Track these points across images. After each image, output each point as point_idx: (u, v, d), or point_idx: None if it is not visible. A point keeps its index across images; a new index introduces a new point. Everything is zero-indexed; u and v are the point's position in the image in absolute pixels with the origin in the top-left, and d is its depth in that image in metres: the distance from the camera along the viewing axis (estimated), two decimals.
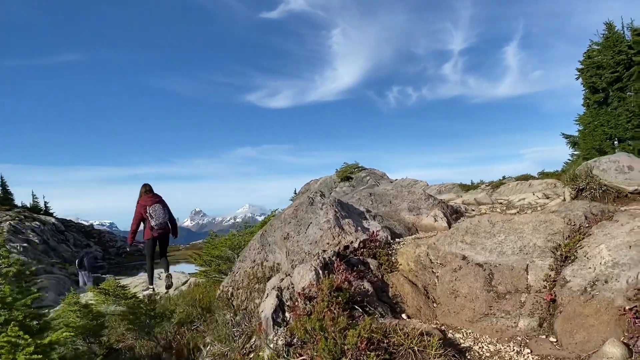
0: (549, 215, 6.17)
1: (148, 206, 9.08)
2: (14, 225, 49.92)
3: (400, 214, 8.47)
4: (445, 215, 8.52)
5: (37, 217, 57.57)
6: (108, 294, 6.99)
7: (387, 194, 9.18)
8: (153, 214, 8.97)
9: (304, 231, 7.20)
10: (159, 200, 9.31)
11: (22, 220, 53.49)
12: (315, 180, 32.16)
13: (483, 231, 6.36)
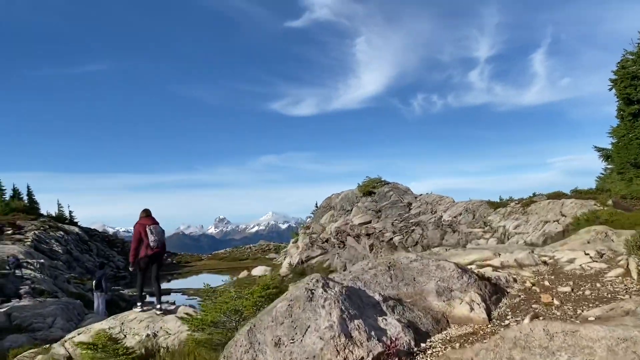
0: (630, 331, 4.11)
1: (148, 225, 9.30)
2: (39, 235, 50.27)
3: (427, 299, 6.52)
4: (484, 298, 6.38)
5: (62, 226, 57.98)
6: (97, 349, 6.25)
7: (410, 268, 6.71)
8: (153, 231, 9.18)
9: (300, 338, 5.26)
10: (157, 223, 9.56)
11: (47, 230, 53.89)
12: (336, 194, 31.47)
13: (538, 346, 4.35)
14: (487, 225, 22.34)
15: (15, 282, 17.18)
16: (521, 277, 6.91)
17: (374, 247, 26.38)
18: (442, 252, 7.83)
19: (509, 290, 6.71)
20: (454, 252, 7.75)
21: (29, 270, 19.54)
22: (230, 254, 74.71)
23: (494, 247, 8.57)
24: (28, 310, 12.18)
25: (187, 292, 33.52)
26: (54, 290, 18.04)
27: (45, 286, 17.75)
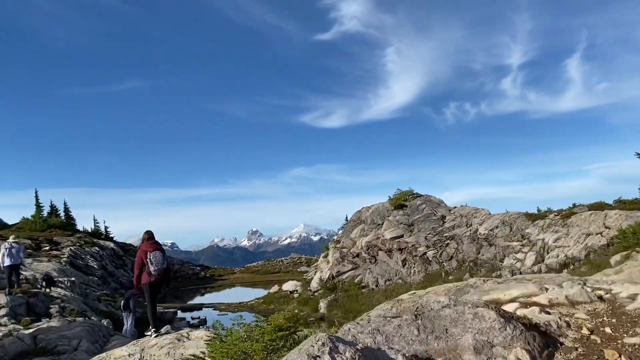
0: None
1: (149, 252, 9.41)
2: (74, 250, 51.18)
3: (463, 357, 5.05)
4: (533, 356, 4.86)
5: (97, 242, 58.98)
6: None
7: (441, 317, 5.42)
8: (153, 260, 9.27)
9: None
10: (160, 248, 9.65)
11: (82, 245, 54.88)
12: (366, 208, 30.87)
13: None
14: (525, 239, 21.38)
15: (45, 301, 17.20)
16: (575, 320, 5.50)
17: (406, 262, 25.67)
18: (479, 284, 6.61)
19: (563, 341, 5.27)
20: (493, 285, 6.17)
21: (59, 288, 19.60)
22: (262, 267, 74.84)
23: (539, 278, 6.56)
24: (54, 332, 12.06)
25: (219, 307, 33.39)
26: (84, 309, 18.02)
27: (75, 305, 17.71)
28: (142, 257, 9.47)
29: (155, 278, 9.38)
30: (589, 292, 5.69)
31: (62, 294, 18.42)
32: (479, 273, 22.38)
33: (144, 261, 9.42)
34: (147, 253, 9.43)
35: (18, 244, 17.56)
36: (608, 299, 5.71)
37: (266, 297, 32.47)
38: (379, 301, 25.58)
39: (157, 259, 9.34)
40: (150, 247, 9.51)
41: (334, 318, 25.42)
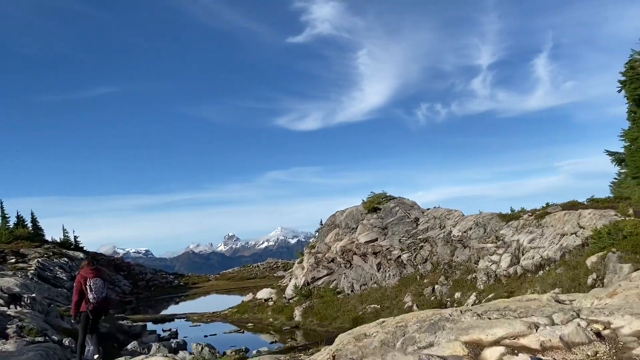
0: None
1: (89, 278, 9.10)
2: (42, 262, 49.55)
3: None
4: None
5: (66, 252, 57.28)
6: None
7: None
8: (93, 287, 8.97)
9: None
10: (100, 275, 9.38)
11: (51, 256, 53.22)
12: (340, 211, 30.46)
13: None
14: (500, 240, 21.23)
15: (2, 320, 16.23)
16: None
17: (381, 265, 25.33)
18: (456, 317, 5.31)
19: None
20: (472, 321, 5.12)
21: (18, 306, 18.60)
22: (238, 273, 73.87)
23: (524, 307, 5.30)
24: (4, 359, 11.24)
25: (192, 318, 32.53)
26: (44, 328, 17.06)
27: (35, 324, 16.74)
28: (81, 284, 9.11)
29: (94, 306, 9.04)
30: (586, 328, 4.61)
31: (21, 312, 17.44)
32: (454, 275, 22.18)
33: (83, 288, 9.07)
34: (86, 280, 9.07)
35: None
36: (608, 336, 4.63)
37: (240, 306, 31.77)
38: (354, 306, 25.26)
39: (97, 287, 9.04)
40: (90, 273, 9.18)
41: (309, 326, 24.97)
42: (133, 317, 36.40)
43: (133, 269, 69.41)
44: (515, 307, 5.36)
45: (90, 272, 9.26)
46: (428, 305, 21.27)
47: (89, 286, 9.05)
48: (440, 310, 5.73)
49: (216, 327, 28.21)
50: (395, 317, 6.10)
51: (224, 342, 23.38)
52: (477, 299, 19.11)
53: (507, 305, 5.27)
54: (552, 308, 5.29)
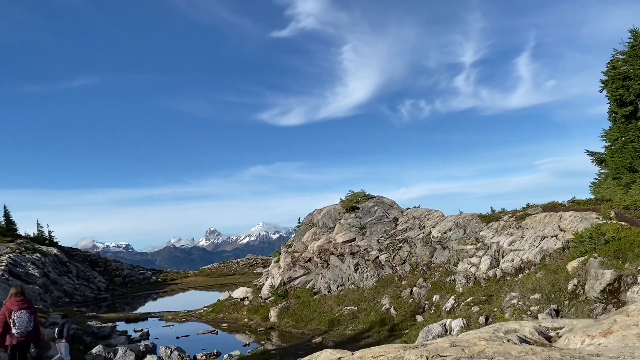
0: None
1: (14, 311, 8.70)
2: (14, 258, 48.16)
3: None
4: None
5: (39, 248, 55.81)
6: None
7: None
8: (17, 321, 8.60)
9: None
10: (28, 307, 8.91)
11: (23, 252, 51.76)
12: (318, 210, 29.76)
13: None
14: (480, 242, 20.74)
15: None
16: None
17: (359, 266, 24.73)
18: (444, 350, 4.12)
19: None
20: None
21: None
22: (217, 270, 72.91)
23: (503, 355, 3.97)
24: None
25: (165, 317, 31.64)
26: None
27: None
28: (5, 316, 8.69)
29: (18, 340, 8.61)
30: None
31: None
32: (432, 277, 21.69)
33: (7, 321, 8.66)
34: (11, 312, 8.69)
35: None
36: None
37: (215, 306, 30.96)
38: (330, 307, 24.65)
39: (22, 320, 8.65)
40: (15, 305, 8.78)
41: (284, 327, 24.30)
42: (105, 315, 35.38)
43: (109, 265, 68.01)
44: (492, 352, 4.21)
45: (16, 304, 8.83)
46: (405, 307, 20.76)
47: (13, 319, 8.65)
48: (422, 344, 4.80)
49: (190, 327, 27.42)
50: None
51: (196, 344, 22.63)
52: (455, 303, 18.63)
53: (482, 350, 4.25)
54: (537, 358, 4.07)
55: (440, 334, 15.96)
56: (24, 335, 8.77)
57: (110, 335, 23.42)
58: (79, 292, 50.96)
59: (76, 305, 43.37)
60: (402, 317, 20.13)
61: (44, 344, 17.04)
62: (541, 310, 14.13)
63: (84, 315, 34.31)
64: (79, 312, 37.11)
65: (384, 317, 20.67)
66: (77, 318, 31.91)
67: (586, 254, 14.31)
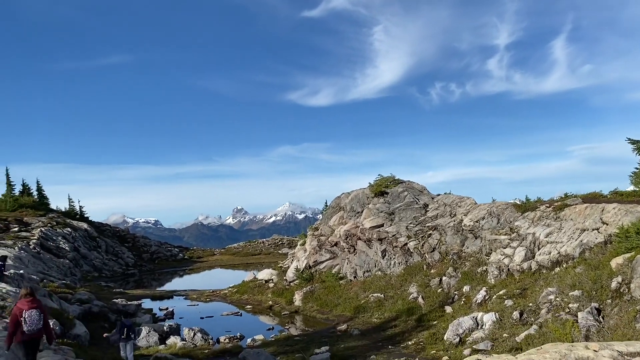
0: None
1: (25, 310, 9.29)
2: (45, 232, 49.09)
3: None
4: None
5: (70, 222, 56.79)
6: None
7: None
8: (27, 320, 9.19)
9: None
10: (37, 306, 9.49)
11: (54, 226, 52.73)
12: (346, 194, 29.14)
13: None
14: (514, 232, 19.86)
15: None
16: None
17: (386, 252, 24.12)
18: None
19: None
20: None
21: (3, 283, 17.67)
22: (243, 249, 73.42)
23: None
24: None
25: (191, 296, 31.75)
26: None
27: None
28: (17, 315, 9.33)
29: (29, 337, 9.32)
30: None
31: (3, 290, 16.51)
32: (463, 267, 20.95)
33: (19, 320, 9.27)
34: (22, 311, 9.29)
35: None
36: None
37: (240, 286, 30.87)
38: (356, 294, 24.20)
39: (32, 319, 9.26)
40: (26, 305, 9.38)
41: (308, 312, 23.98)
42: (132, 291, 35.77)
43: (138, 241, 69.07)
44: None
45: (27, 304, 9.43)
46: (434, 297, 20.13)
47: (24, 318, 9.25)
48: None
49: (214, 308, 27.40)
50: None
51: (220, 326, 22.52)
52: (487, 295, 17.90)
53: None
54: None
55: (472, 328, 15.34)
56: (34, 333, 9.32)
57: (135, 313, 23.50)
58: (107, 267, 51.84)
59: (104, 280, 44.05)
60: (430, 307, 19.51)
61: (68, 321, 17.07)
62: (581, 308, 13.33)
63: (111, 291, 34.74)
64: (106, 287, 37.63)
65: (412, 306, 20.08)
66: (104, 294, 32.29)
67: (632, 250, 13.37)
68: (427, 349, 15.13)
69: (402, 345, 16.14)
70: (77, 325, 17.25)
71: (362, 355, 14.91)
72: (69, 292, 22.84)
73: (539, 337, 13.11)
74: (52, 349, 11.91)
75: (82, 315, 20.53)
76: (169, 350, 16.87)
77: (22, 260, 26.32)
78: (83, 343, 16.67)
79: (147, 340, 17.89)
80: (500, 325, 14.85)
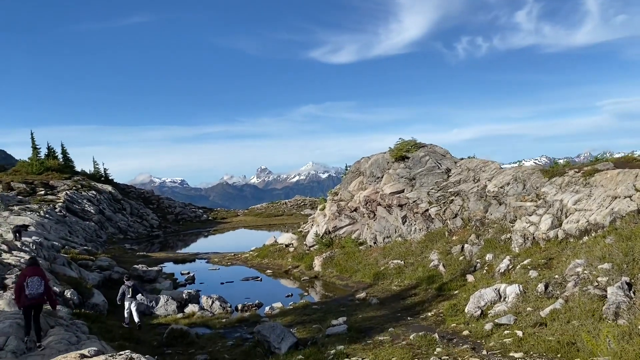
0: None
1: (28, 277, 10.41)
2: (71, 195, 49.88)
3: None
4: None
5: (94, 185, 57.52)
6: None
7: None
8: (30, 284, 10.30)
9: None
10: (39, 274, 10.64)
11: (79, 189, 53.49)
12: (366, 158, 28.41)
13: None
14: (541, 199, 19.00)
15: (1, 270, 15.41)
16: None
17: (407, 219, 23.55)
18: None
19: None
20: None
21: (22, 252, 17.75)
22: (266, 210, 73.81)
23: None
24: None
25: (212, 259, 31.92)
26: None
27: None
28: (21, 282, 10.44)
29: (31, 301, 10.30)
30: None
31: (21, 260, 16.56)
32: (486, 234, 20.29)
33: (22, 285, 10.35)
34: (25, 277, 10.43)
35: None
36: None
37: (261, 250, 30.87)
38: (376, 260, 23.84)
39: (33, 285, 10.35)
40: (29, 272, 10.58)
41: (328, 277, 23.79)
42: (155, 254, 36.19)
43: (162, 202, 69.90)
44: None
45: (30, 271, 10.61)
46: (455, 265, 19.61)
47: (26, 283, 10.31)
48: None
49: (235, 272, 27.47)
50: None
51: (239, 292, 22.52)
52: (510, 264, 17.28)
53: None
54: None
55: (494, 301, 14.81)
56: (35, 298, 10.36)
57: (156, 279, 23.66)
58: (132, 229, 52.65)
59: (129, 242, 44.78)
60: (451, 275, 19.02)
61: (86, 290, 17.14)
62: (610, 282, 12.63)
63: (134, 254, 35.18)
64: (130, 250, 38.18)
65: (432, 274, 19.62)
66: (128, 257, 32.70)
67: None
68: (447, 322, 14.69)
69: (421, 316, 15.73)
70: (96, 294, 17.33)
71: (380, 327, 14.55)
72: (89, 259, 23.03)
73: (564, 313, 12.47)
74: (64, 324, 11.83)
75: (102, 283, 20.72)
76: (186, 320, 16.88)
77: (44, 226, 26.57)
78: (101, 312, 16.77)
79: (166, 308, 17.91)
80: (524, 298, 14.24)
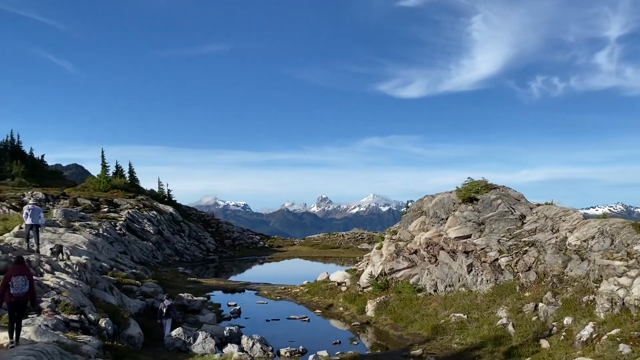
0: None
1: (14, 276, 10.56)
2: (132, 214, 50.66)
3: None
4: None
5: (156, 205, 58.31)
6: None
7: None
8: (14, 283, 10.47)
9: None
10: (25, 273, 10.85)
11: (141, 209, 54.36)
12: (430, 197, 26.44)
13: None
14: (633, 258, 16.43)
15: (39, 292, 14.77)
16: None
17: (473, 267, 21.34)
18: None
19: None
20: None
21: (64, 274, 17.18)
22: (322, 240, 72.41)
23: None
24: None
25: (261, 292, 30.73)
26: (83, 303, 15.44)
27: (73, 298, 15.18)
28: (7, 280, 10.61)
29: (15, 299, 10.53)
30: None
31: (61, 283, 15.94)
32: (564, 293, 17.81)
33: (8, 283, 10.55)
34: (11, 276, 10.59)
35: (39, 206, 20.58)
36: None
37: (312, 286, 29.38)
38: (435, 310, 21.69)
39: (18, 283, 10.55)
40: (15, 271, 10.74)
41: (381, 325, 21.87)
42: (207, 281, 35.52)
43: (221, 226, 70.18)
44: None
45: (16, 270, 10.77)
46: (527, 326, 17.23)
47: (12, 282, 10.49)
48: None
49: (282, 308, 26.09)
50: None
51: (284, 332, 21.10)
52: (594, 332, 14.84)
53: None
54: None
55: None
56: (20, 296, 10.57)
57: (200, 310, 22.63)
58: (189, 251, 52.70)
59: (184, 265, 44.50)
60: (522, 338, 16.67)
61: (122, 320, 16.24)
62: None
63: (185, 279, 34.65)
64: (183, 274, 37.71)
65: (499, 335, 17.34)
66: (178, 282, 32.12)
67: None
68: None
69: None
70: (132, 325, 16.39)
71: None
72: (135, 283, 22.37)
73: None
74: None
75: (142, 311, 19.87)
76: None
77: (96, 246, 26.32)
78: (136, 345, 15.77)
79: (203, 346, 16.68)
80: None
